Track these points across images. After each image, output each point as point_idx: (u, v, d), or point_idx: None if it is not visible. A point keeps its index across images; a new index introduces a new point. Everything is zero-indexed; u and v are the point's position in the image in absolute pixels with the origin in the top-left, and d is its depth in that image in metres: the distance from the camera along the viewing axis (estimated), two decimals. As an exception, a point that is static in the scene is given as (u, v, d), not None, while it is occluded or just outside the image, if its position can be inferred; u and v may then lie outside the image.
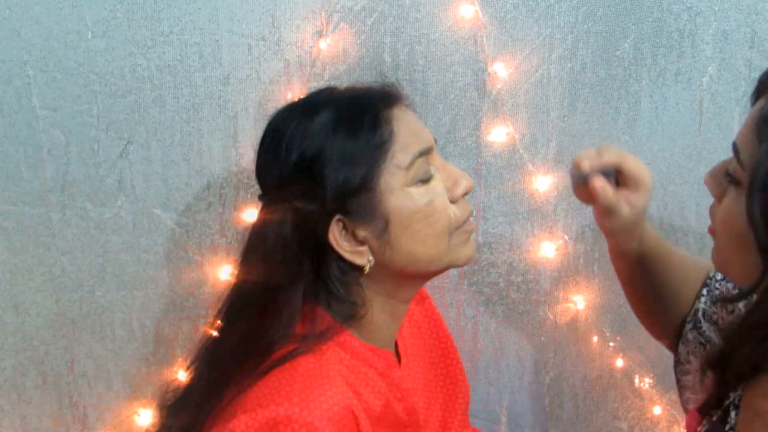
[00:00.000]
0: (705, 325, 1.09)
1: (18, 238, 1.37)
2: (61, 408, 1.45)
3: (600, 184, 0.98)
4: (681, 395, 1.14)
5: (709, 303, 1.09)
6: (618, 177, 0.99)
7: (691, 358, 1.10)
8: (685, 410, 1.14)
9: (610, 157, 0.98)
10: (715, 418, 0.90)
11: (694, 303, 1.11)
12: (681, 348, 1.11)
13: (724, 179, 0.89)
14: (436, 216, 0.91)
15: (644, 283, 1.09)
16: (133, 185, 1.37)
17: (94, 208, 1.37)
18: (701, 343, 1.09)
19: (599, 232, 1.44)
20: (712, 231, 0.92)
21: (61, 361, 1.43)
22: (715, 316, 1.09)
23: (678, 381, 1.14)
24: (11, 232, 1.37)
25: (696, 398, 1.11)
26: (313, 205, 0.88)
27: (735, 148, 0.86)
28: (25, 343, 1.42)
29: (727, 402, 0.88)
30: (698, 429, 0.92)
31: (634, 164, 0.98)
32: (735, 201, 0.85)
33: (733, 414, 0.86)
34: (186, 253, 1.40)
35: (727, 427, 0.86)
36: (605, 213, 1.00)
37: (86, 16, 1.30)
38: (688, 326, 1.10)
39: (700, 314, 1.09)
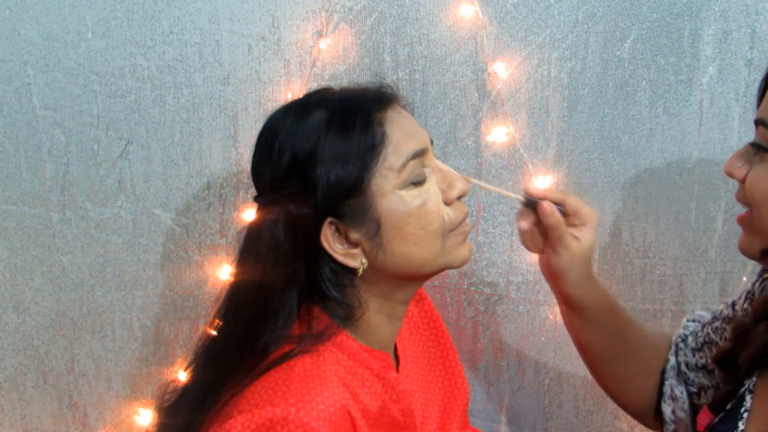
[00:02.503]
0: (692, 375, 1.10)
1: (18, 238, 1.37)
2: (61, 408, 1.45)
3: (549, 206, 1.00)
4: None
5: (690, 354, 1.10)
6: (566, 218, 1.02)
7: (680, 413, 1.10)
8: None
9: (555, 194, 1.02)
10: (729, 406, 0.90)
11: (667, 360, 1.12)
12: (665, 407, 1.12)
13: (747, 155, 0.91)
14: (428, 218, 0.91)
15: (602, 341, 1.10)
16: (133, 185, 1.37)
17: (94, 208, 1.37)
18: (694, 393, 1.10)
19: (599, 232, 1.44)
20: (743, 218, 0.94)
21: (61, 361, 1.43)
22: (702, 361, 1.09)
23: None
24: (11, 232, 1.37)
25: None
26: (305, 207, 0.88)
27: (762, 121, 0.88)
28: (25, 343, 1.42)
29: (742, 389, 0.89)
30: (712, 420, 0.93)
31: (577, 202, 1.02)
32: (766, 168, 0.88)
33: (748, 398, 0.87)
34: (186, 253, 1.40)
35: (743, 410, 0.87)
36: (553, 247, 1.02)
37: (86, 16, 1.30)
38: (671, 382, 1.11)
39: (684, 367, 1.10)
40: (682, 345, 1.12)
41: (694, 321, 1.15)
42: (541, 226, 1.03)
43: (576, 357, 1.51)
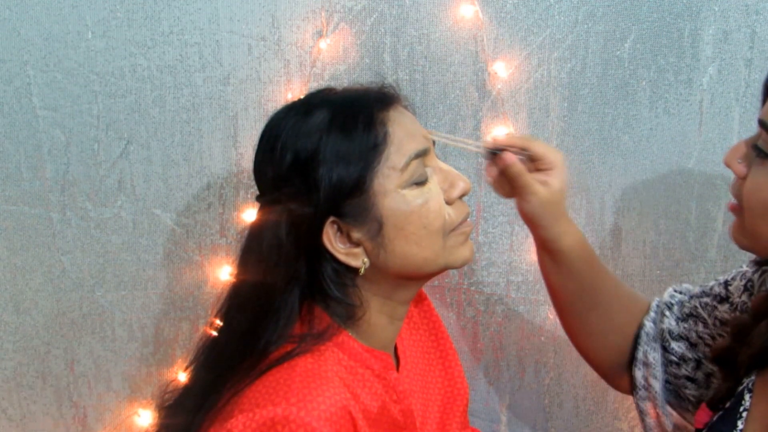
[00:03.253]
0: (674, 344, 1.09)
1: (18, 238, 1.37)
2: (61, 408, 1.45)
3: (508, 156, 1.00)
4: (642, 421, 1.14)
5: (674, 322, 1.10)
6: (533, 163, 1.01)
7: (652, 381, 1.10)
8: None
9: (518, 142, 1.01)
10: (727, 405, 0.90)
11: (642, 325, 1.12)
12: (637, 372, 1.12)
13: (749, 155, 0.91)
14: (430, 218, 0.91)
15: (574, 288, 1.09)
16: (133, 185, 1.37)
17: (94, 208, 1.37)
18: (673, 362, 1.09)
19: (599, 232, 1.44)
20: (735, 208, 0.93)
21: (61, 361, 1.43)
22: (686, 332, 1.09)
23: (637, 407, 1.14)
24: (11, 232, 1.37)
25: (658, 422, 1.12)
26: (307, 206, 0.88)
27: (762, 124, 0.87)
28: (25, 343, 1.42)
29: (740, 387, 0.89)
30: (711, 418, 0.93)
31: (541, 147, 1.01)
32: (766, 175, 0.87)
33: (747, 397, 0.87)
34: (186, 254, 1.40)
35: (742, 409, 0.87)
36: (520, 195, 1.01)
37: (86, 16, 1.30)
38: (645, 348, 1.10)
39: (666, 334, 1.09)
40: (667, 313, 1.11)
41: (680, 293, 1.14)
42: (506, 175, 1.02)
43: (576, 357, 1.51)
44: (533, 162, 1.01)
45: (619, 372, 1.14)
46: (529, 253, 1.45)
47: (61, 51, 1.31)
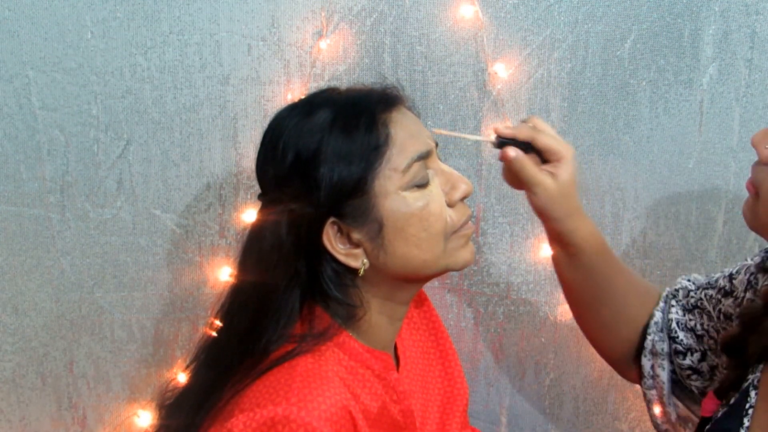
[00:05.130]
0: (681, 334, 1.09)
1: (18, 238, 1.37)
2: (61, 409, 1.44)
3: (509, 150, 0.98)
4: (650, 409, 1.14)
5: (681, 312, 1.10)
6: (540, 155, 0.99)
7: (659, 370, 1.10)
8: (656, 426, 1.14)
9: (524, 133, 0.99)
10: (733, 401, 0.90)
11: (652, 315, 1.11)
12: (645, 361, 1.12)
13: None
14: (431, 220, 0.90)
15: (588, 282, 1.08)
16: (133, 186, 1.37)
17: (94, 209, 1.37)
18: (679, 352, 1.09)
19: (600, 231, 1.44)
20: (751, 188, 0.94)
21: (60, 362, 1.43)
22: (692, 323, 1.09)
23: (644, 396, 1.14)
24: (11, 232, 1.37)
25: (663, 412, 1.12)
26: (307, 206, 0.88)
27: None
28: (25, 343, 1.41)
29: (745, 384, 0.89)
30: (717, 410, 0.93)
31: (548, 138, 0.99)
32: None
33: (753, 394, 0.87)
34: (186, 254, 1.40)
35: (747, 405, 0.87)
36: (528, 187, 1.00)
37: (86, 16, 1.30)
38: (653, 338, 1.10)
39: (674, 324, 1.09)
40: (673, 302, 1.11)
41: (688, 280, 1.14)
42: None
43: (576, 357, 1.51)
44: (541, 153, 0.99)
45: (630, 362, 1.14)
46: (529, 254, 1.45)
47: (60, 51, 1.31)
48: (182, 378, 1.01)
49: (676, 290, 1.12)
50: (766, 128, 0.94)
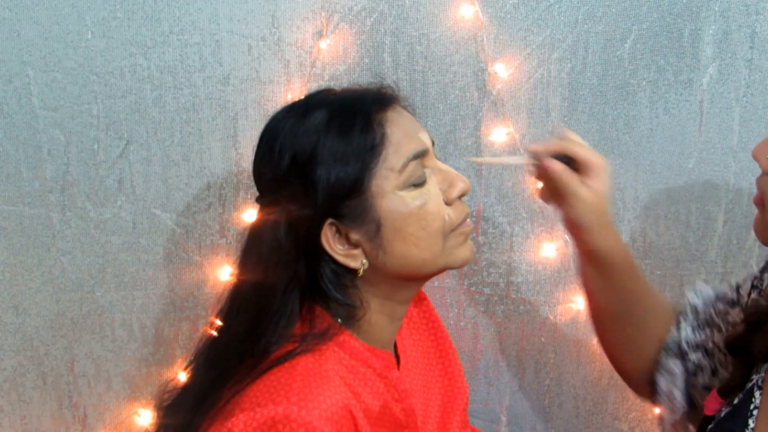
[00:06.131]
0: (692, 354, 1.09)
1: (18, 238, 1.37)
2: (61, 408, 1.44)
3: (553, 163, 0.98)
4: (661, 427, 1.13)
5: (691, 330, 1.10)
6: (573, 165, 1.00)
7: (675, 391, 1.09)
8: None
9: (558, 146, 1.00)
10: (737, 401, 0.90)
11: (669, 333, 1.11)
12: (660, 378, 1.11)
13: None
14: (428, 219, 0.90)
15: (613, 297, 1.08)
16: (133, 185, 1.37)
17: (94, 208, 1.37)
18: (691, 373, 1.09)
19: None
20: (758, 202, 0.94)
21: (60, 362, 1.43)
22: (702, 340, 1.09)
23: (660, 421, 1.13)
24: (11, 232, 1.37)
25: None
26: (305, 208, 0.88)
27: None
28: (25, 343, 1.42)
29: (749, 384, 0.89)
30: (720, 410, 0.92)
31: (583, 150, 0.99)
32: None
33: (757, 394, 0.87)
34: (186, 254, 1.40)
35: (752, 406, 0.87)
36: (567, 199, 1.00)
37: (86, 16, 1.30)
38: (667, 355, 1.10)
39: (684, 344, 1.09)
40: (683, 321, 1.11)
41: (698, 296, 1.13)
42: (551, 181, 1.01)
43: (576, 357, 1.51)
44: (576, 165, 1.00)
45: (646, 380, 1.14)
46: (529, 254, 1.45)
47: (61, 51, 1.31)
48: (182, 377, 1.01)
49: (686, 311, 1.12)
50: (765, 139, 0.93)
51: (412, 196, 0.90)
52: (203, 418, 0.87)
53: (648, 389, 1.14)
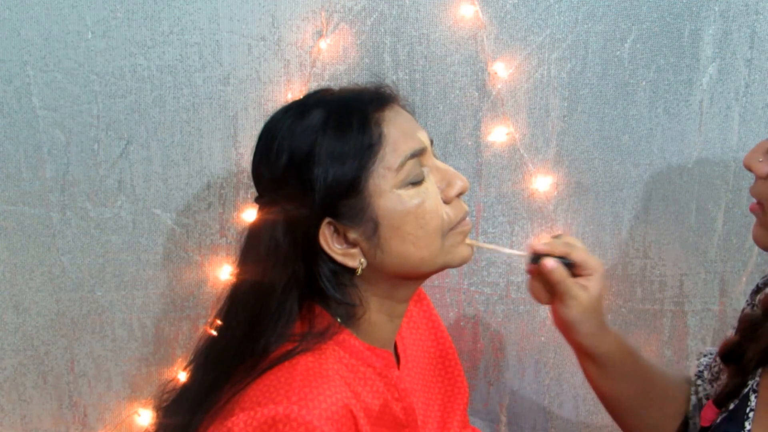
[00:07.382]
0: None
1: (18, 238, 1.37)
2: (61, 408, 1.45)
3: (551, 263, 0.98)
4: None
5: (708, 386, 1.09)
6: (571, 269, 1.00)
7: None
8: None
9: (559, 248, 1.00)
10: (732, 406, 0.90)
11: (689, 402, 1.11)
12: None
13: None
14: (426, 218, 0.90)
15: (625, 390, 1.07)
16: (133, 185, 1.37)
17: (94, 208, 1.37)
18: None
19: (599, 233, 1.44)
20: (756, 209, 0.94)
21: (61, 361, 1.43)
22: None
23: None
24: (11, 232, 1.37)
25: None
26: (303, 208, 0.88)
27: None
28: (25, 343, 1.42)
29: (745, 389, 0.89)
30: (715, 419, 0.92)
31: (583, 253, 1.00)
32: None
33: (753, 397, 0.87)
34: (186, 253, 1.40)
35: (748, 409, 0.87)
36: (561, 300, 1.00)
37: (86, 16, 1.30)
38: (696, 421, 1.09)
39: (704, 402, 1.08)
40: (699, 382, 1.11)
41: (705, 356, 1.14)
42: (547, 280, 1.01)
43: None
44: (572, 268, 1.00)
45: None
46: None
47: (61, 51, 1.31)
48: (182, 377, 1.01)
49: (700, 371, 1.12)
50: (753, 147, 0.94)
51: (410, 194, 0.90)
52: (203, 418, 0.87)
53: None
